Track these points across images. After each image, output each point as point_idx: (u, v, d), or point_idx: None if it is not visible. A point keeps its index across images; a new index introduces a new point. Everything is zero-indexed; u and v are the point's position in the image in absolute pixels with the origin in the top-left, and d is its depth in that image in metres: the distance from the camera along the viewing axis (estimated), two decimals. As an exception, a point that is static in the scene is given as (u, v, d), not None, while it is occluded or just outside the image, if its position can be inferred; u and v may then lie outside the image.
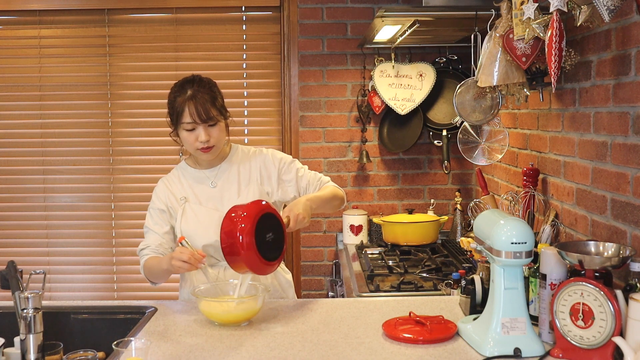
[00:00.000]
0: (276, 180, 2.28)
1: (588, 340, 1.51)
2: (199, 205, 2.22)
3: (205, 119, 2.11)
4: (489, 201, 2.69)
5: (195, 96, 2.11)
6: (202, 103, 2.10)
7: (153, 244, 2.20)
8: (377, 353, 1.62)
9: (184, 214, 2.20)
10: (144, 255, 2.19)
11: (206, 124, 2.13)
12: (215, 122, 2.14)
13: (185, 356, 1.63)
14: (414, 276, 2.58)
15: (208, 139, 2.14)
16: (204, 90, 2.14)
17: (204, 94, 2.12)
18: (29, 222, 3.68)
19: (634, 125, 1.69)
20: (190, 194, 2.24)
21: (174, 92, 2.16)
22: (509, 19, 2.05)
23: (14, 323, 1.71)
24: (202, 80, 2.18)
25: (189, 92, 2.12)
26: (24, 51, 3.62)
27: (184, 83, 2.17)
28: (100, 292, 3.69)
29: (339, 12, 3.50)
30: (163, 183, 2.28)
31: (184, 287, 2.31)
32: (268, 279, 2.22)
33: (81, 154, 3.66)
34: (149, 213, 2.25)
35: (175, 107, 2.14)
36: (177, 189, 2.25)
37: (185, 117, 2.11)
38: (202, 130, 2.12)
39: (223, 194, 2.24)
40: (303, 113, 3.54)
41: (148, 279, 2.20)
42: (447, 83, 3.43)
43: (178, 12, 3.59)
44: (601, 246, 1.63)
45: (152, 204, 2.26)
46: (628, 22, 1.71)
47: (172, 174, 2.31)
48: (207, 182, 2.26)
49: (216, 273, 2.19)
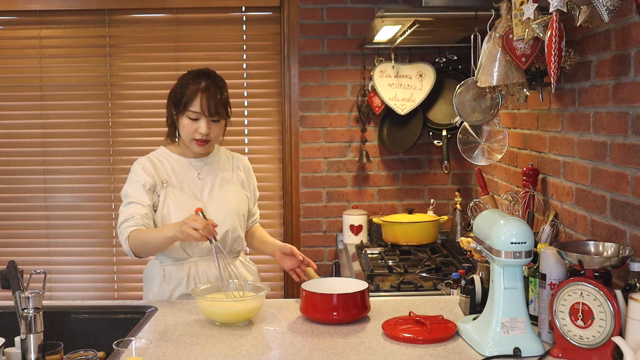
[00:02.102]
0: (252, 190, 2.41)
1: (588, 340, 1.51)
2: (180, 191, 2.23)
3: (212, 112, 2.16)
4: (488, 201, 2.69)
5: (208, 89, 2.16)
6: (214, 97, 2.16)
7: (138, 215, 2.12)
8: (377, 353, 1.63)
9: (166, 197, 2.21)
10: (128, 227, 2.09)
11: (210, 118, 2.18)
12: (219, 119, 2.20)
13: (185, 356, 1.63)
14: (413, 276, 2.58)
15: (207, 133, 2.18)
16: (217, 85, 2.20)
17: (216, 89, 2.18)
18: (30, 222, 3.68)
19: (634, 125, 1.69)
20: (173, 178, 2.25)
21: (187, 79, 2.20)
22: (509, 19, 2.05)
23: (14, 323, 1.72)
24: (216, 76, 2.24)
25: (203, 84, 2.17)
26: (24, 51, 3.62)
27: (200, 74, 2.21)
28: (101, 292, 3.70)
29: (339, 13, 3.50)
30: (149, 160, 2.25)
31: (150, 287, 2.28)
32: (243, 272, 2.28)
33: (81, 154, 3.66)
34: (132, 186, 2.18)
35: (185, 93, 2.17)
36: (161, 171, 2.25)
37: (194, 107, 2.15)
38: (204, 123, 2.17)
39: (205, 186, 2.27)
40: (303, 113, 3.54)
41: (133, 252, 2.10)
42: (447, 83, 3.43)
43: (178, 12, 3.59)
44: (601, 246, 1.63)
45: (135, 177, 2.20)
46: (627, 22, 1.71)
47: (155, 155, 2.30)
48: (192, 171, 2.28)
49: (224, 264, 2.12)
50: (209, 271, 2.23)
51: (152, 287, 2.27)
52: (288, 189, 3.59)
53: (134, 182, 2.20)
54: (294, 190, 3.57)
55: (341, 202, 3.57)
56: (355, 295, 1.86)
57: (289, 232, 3.60)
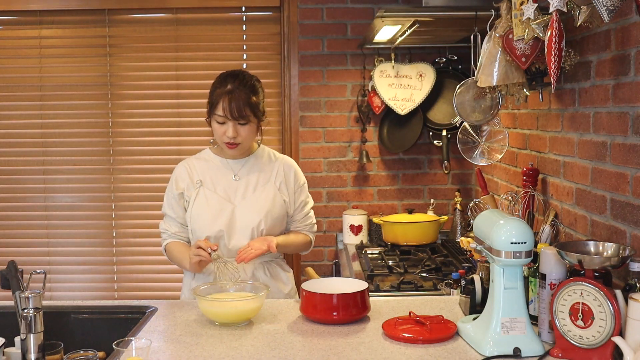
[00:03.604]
0: (292, 193, 2.33)
1: (587, 340, 1.51)
2: (212, 192, 2.24)
3: (236, 116, 2.14)
4: (488, 201, 2.69)
5: (232, 92, 2.14)
6: (237, 100, 2.13)
7: (170, 230, 2.28)
8: (377, 353, 1.63)
9: (197, 197, 2.24)
10: (164, 239, 2.30)
11: (236, 122, 2.15)
12: (246, 122, 2.16)
13: (185, 356, 1.63)
14: (413, 276, 2.58)
15: (235, 136, 2.17)
16: (244, 88, 2.16)
17: (241, 92, 2.14)
18: (30, 222, 3.68)
19: (634, 125, 1.69)
20: (207, 179, 2.26)
21: (216, 82, 2.20)
22: (509, 19, 2.05)
23: (14, 323, 1.72)
24: (244, 78, 2.20)
25: (228, 87, 2.15)
26: (24, 51, 3.62)
27: (227, 76, 2.19)
28: (101, 292, 3.70)
29: (339, 13, 3.50)
30: (183, 166, 2.31)
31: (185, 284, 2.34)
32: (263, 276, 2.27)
33: (81, 154, 3.66)
34: (166, 197, 2.30)
35: (212, 98, 2.17)
36: (195, 172, 2.28)
37: (218, 110, 2.15)
38: (231, 126, 2.15)
39: (239, 187, 2.26)
40: (303, 113, 3.54)
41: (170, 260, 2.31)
42: (447, 83, 3.43)
43: (178, 12, 3.59)
44: (601, 246, 1.63)
45: (168, 187, 2.30)
46: (627, 22, 1.71)
47: (194, 157, 2.34)
48: (229, 172, 2.28)
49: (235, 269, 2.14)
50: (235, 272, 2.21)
51: (186, 285, 2.32)
52: (288, 189, 3.58)
53: (168, 192, 2.31)
54: (294, 190, 3.57)
55: (341, 202, 3.58)
56: (355, 295, 1.86)
57: (289, 232, 3.60)
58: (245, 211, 2.22)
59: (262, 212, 2.23)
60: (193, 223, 2.23)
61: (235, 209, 2.23)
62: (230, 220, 2.21)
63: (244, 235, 2.21)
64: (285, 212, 2.30)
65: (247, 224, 2.21)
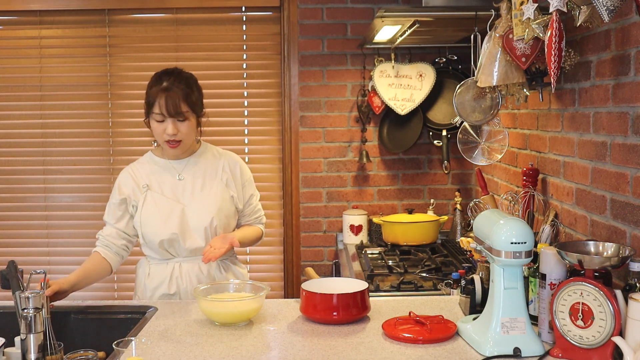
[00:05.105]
0: (241, 188, 2.33)
1: (588, 340, 1.51)
2: (160, 195, 2.24)
3: (173, 113, 2.13)
4: (488, 201, 2.69)
5: (169, 89, 2.13)
6: (174, 97, 2.12)
7: (103, 234, 2.28)
8: (377, 353, 1.63)
9: (145, 202, 2.23)
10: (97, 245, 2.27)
11: (175, 119, 2.14)
12: (185, 118, 2.16)
13: (185, 356, 1.63)
14: (413, 276, 2.58)
15: (175, 133, 2.16)
16: (180, 84, 2.15)
17: (178, 88, 2.14)
18: (30, 222, 3.68)
19: (634, 125, 1.69)
20: (154, 182, 2.26)
21: (151, 82, 2.19)
22: (509, 19, 2.05)
23: (14, 323, 1.72)
24: (180, 74, 2.19)
25: (164, 84, 2.14)
26: (24, 51, 3.62)
27: (162, 74, 2.18)
28: (100, 292, 3.69)
29: (339, 13, 3.50)
30: (127, 172, 2.30)
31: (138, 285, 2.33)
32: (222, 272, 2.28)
33: (81, 154, 3.66)
34: (108, 205, 2.31)
35: (149, 97, 2.16)
36: (141, 177, 2.27)
37: (156, 109, 2.14)
38: (170, 123, 2.14)
39: (186, 187, 2.26)
40: (303, 113, 3.54)
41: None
42: (447, 83, 3.43)
43: (178, 12, 3.59)
44: (601, 246, 1.63)
45: (111, 195, 2.31)
46: (627, 22, 1.71)
47: (137, 163, 2.34)
48: (173, 173, 2.28)
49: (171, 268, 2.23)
50: (192, 272, 2.23)
51: (139, 285, 2.30)
52: (288, 189, 3.59)
53: (110, 200, 2.31)
54: (294, 190, 3.57)
55: (341, 202, 3.58)
56: (355, 295, 1.86)
57: (289, 232, 3.60)
58: (196, 211, 2.22)
59: (213, 210, 2.23)
60: (144, 227, 2.22)
61: (186, 209, 2.22)
62: (182, 222, 2.21)
63: (198, 235, 2.22)
64: (235, 208, 2.31)
65: (200, 224, 2.21)
